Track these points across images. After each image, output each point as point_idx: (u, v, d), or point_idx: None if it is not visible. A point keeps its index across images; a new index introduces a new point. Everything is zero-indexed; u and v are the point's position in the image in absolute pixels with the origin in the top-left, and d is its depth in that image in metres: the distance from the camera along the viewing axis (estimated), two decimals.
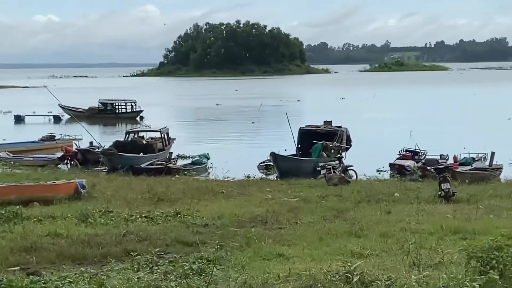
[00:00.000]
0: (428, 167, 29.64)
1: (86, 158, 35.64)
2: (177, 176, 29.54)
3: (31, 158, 35.94)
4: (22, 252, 13.39)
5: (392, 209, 18.99)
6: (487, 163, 31.30)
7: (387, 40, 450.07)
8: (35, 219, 16.86)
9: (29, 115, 66.52)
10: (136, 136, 38.30)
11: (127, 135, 37.96)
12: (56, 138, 43.18)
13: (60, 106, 64.37)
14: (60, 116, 66.69)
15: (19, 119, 64.96)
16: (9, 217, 16.73)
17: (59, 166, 34.90)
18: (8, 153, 36.52)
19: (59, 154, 36.92)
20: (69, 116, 62.62)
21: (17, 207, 17.57)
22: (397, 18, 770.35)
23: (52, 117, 66.61)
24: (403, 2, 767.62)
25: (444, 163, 29.76)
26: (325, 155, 32.34)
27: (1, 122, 63.99)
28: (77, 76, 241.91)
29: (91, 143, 37.87)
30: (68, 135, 44.50)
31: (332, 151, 32.72)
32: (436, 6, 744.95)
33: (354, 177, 28.91)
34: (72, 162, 35.62)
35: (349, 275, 9.88)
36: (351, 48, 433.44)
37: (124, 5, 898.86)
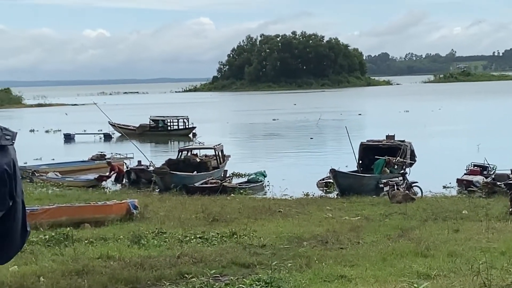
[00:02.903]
0: (498, 183, 28.77)
1: (138, 177, 35.48)
2: (232, 195, 29.24)
3: (72, 179, 35.80)
4: (74, 276, 13.10)
5: (460, 227, 18.41)
6: None
7: (452, 49, 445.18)
8: (86, 241, 16.60)
9: (79, 134, 66.18)
10: (189, 153, 38.03)
11: (180, 153, 37.77)
12: (106, 157, 42.91)
13: (110, 124, 64.33)
14: (110, 134, 66.25)
15: (68, 138, 64.50)
16: (59, 239, 16.51)
17: (100, 186, 34.43)
18: (56, 173, 36.42)
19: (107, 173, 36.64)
20: (120, 134, 62.45)
21: (68, 228, 17.40)
22: (463, 26, 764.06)
23: (102, 136, 66.26)
24: (470, 9, 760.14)
25: None
26: (388, 171, 31.79)
27: (51, 142, 64.10)
28: (128, 92, 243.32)
29: (139, 161, 37.68)
30: (119, 154, 44.35)
31: (395, 166, 32.11)
32: (505, 12, 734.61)
33: (419, 194, 28.24)
34: (121, 182, 35.42)
35: None
36: (414, 58, 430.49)
37: (177, 18, 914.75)
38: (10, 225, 2.64)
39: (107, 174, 35.97)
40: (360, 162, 33.53)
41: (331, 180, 31.30)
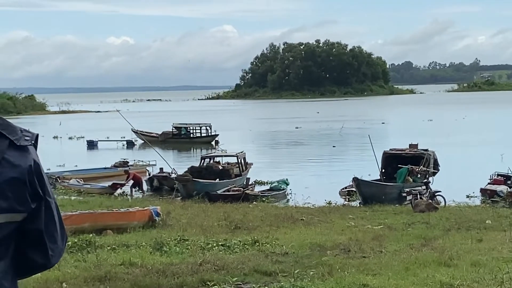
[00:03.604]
0: None
1: (161, 184, 35.53)
2: (254, 202, 29.17)
3: (89, 186, 35.83)
4: (96, 282, 13.11)
5: (484, 237, 18.24)
6: None
7: (476, 58, 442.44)
8: (108, 248, 16.60)
9: (102, 141, 66.30)
10: (211, 161, 38.10)
11: (203, 160, 37.90)
12: (129, 164, 43.02)
13: (133, 131, 64.37)
14: (133, 141, 66.21)
15: (92, 145, 64.75)
16: (82, 245, 16.54)
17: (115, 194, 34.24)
18: (78, 180, 36.51)
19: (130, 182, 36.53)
20: (143, 141, 62.50)
21: (91, 235, 17.44)
22: (488, 35, 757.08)
23: (125, 143, 66.27)
24: (495, 19, 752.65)
25: None
26: (411, 180, 31.61)
27: (74, 148, 64.36)
28: (151, 99, 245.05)
29: (161, 169, 37.74)
30: (142, 161, 44.45)
31: (419, 175, 31.92)
32: None
33: (443, 203, 28.02)
34: (141, 189, 35.38)
35: None
36: (437, 67, 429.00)
37: (201, 26, 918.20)
38: (42, 225, 2.66)
39: (123, 182, 35.90)
40: (383, 170, 33.40)
41: (353, 189, 31.19)
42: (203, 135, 69.59)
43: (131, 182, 35.60)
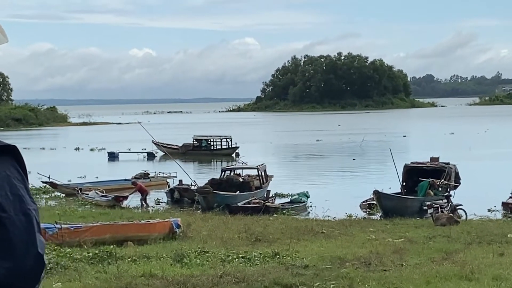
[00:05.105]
0: None
1: (182, 196, 35.57)
2: (275, 215, 29.11)
3: (98, 198, 35.66)
4: None
5: (506, 251, 18.06)
6: None
7: (498, 72, 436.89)
8: (129, 259, 16.60)
9: (123, 152, 66.49)
10: (232, 173, 38.12)
11: (223, 173, 37.94)
12: (150, 175, 43.08)
13: (154, 143, 64.47)
14: (154, 153, 66.19)
15: (112, 156, 64.94)
16: (103, 257, 16.57)
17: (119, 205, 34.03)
18: (97, 191, 36.54)
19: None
20: (163, 153, 62.45)
21: (111, 246, 17.45)
22: (510, 49, 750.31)
23: (146, 154, 66.23)
24: None
25: None
26: (432, 193, 31.45)
27: (95, 160, 64.42)
28: (172, 111, 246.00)
29: (180, 181, 37.74)
30: (162, 173, 44.50)
31: (440, 189, 31.76)
32: None
33: (464, 217, 27.84)
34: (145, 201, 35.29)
35: None
36: (459, 80, 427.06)
37: (223, 39, 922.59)
38: None
39: (126, 194, 35.61)
40: (404, 184, 33.27)
41: (374, 202, 31.08)
42: (223, 147, 69.58)
43: (139, 194, 35.48)
